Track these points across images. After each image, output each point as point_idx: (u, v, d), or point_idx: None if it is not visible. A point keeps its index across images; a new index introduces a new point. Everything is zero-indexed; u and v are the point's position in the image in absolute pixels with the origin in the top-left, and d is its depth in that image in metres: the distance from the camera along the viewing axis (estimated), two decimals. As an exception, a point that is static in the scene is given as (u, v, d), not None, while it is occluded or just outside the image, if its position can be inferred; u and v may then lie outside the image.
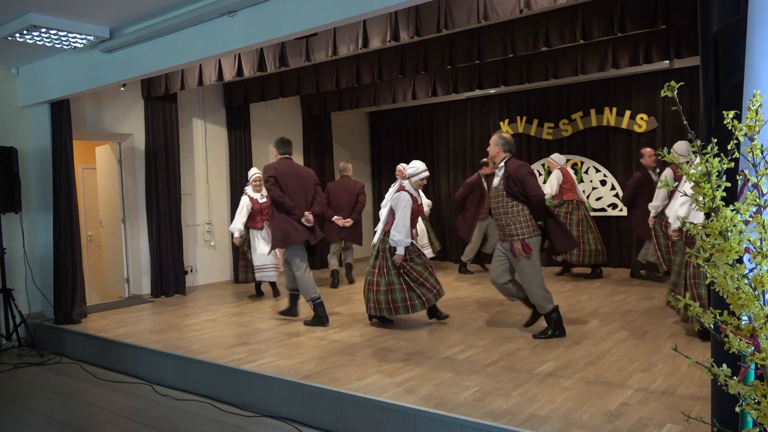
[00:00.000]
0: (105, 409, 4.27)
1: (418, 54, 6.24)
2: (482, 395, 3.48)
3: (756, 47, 1.93)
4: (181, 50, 4.87)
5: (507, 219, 4.66)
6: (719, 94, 2.35)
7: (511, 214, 4.64)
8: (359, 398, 3.54)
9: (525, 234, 4.61)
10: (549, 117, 8.77)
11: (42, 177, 6.43)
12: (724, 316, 1.63)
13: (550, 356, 4.24)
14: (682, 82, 1.96)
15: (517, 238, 4.61)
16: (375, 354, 4.46)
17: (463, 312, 5.77)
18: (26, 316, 6.18)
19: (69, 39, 5.12)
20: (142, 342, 5.09)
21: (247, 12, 4.35)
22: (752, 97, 1.64)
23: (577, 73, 6.58)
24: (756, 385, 1.60)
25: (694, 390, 3.44)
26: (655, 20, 4.88)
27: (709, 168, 1.61)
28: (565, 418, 3.11)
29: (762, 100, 1.63)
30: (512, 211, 4.64)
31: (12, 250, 6.23)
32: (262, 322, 5.74)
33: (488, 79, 7.21)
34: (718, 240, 1.60)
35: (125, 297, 7.56)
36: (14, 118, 6.38)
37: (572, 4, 5.15)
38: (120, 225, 7.61)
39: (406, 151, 10.38)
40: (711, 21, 2.39)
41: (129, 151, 7.52)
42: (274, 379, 3.99)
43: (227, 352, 4.64)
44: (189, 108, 8.01)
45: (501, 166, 4.73)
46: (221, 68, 5.96)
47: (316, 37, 5.24)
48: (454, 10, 4.60)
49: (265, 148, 8.94)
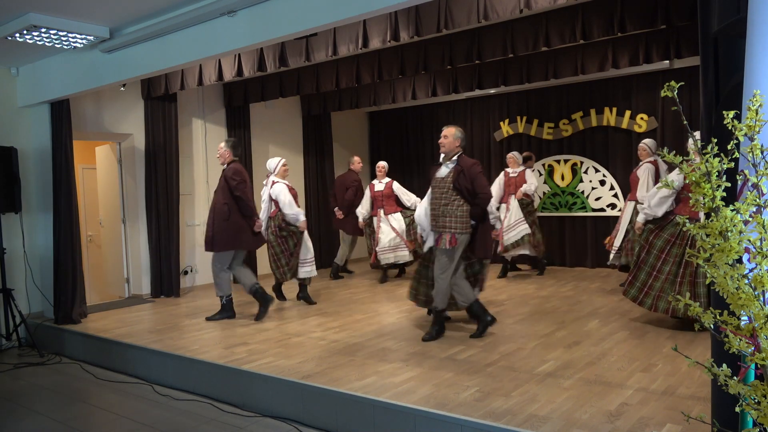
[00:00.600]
0: (105, 409, 4.27)
1: (418, 54, 6.23)
2: (482, 395, 3.48)
3: (756, 47, 1.93)
4: (181, 50, 4.87)
5: (445, 210, 4.72)
6: (719, 94, 2.35)
7: (451, 207, 4.71)
8: (359, 398, 3.54)
9: (457, 229, 4.70)
10: (549, 117, 8.77)
11: (42, 177, 6.43)
12: (724, 316, 1.63)
13: (550, 356, 4.24)
14: (682, 82, 1.96)
15: (449, 230, 4.69)
16: (375, 354, 4.46)
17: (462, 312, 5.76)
18: (26, 316, 6.18)
19: (69, 39, 5.12)
20: (142, 342, 5.09)
21: (247, 12, 4.35)
22: (752, 97, 1.64)
23: (577, 73, 6.57)
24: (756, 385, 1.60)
25: (694, 390, 3.44)
26: (655, 20, 4.88)
27: (709, 168, 1.61)
28: (565, 418, 3.11)
29: (762, 100, 1.63)
30: (454, 204, 4.71)
31: (12, 250, 6.23)
32: (262, 322, 5.74)
33: (488, 79, 7.21)
34: (718, 240, 1.60)
35: (125, 297, 7.56)
36: (14, 118, 6.38)
37: (572, 4, 5.15)
38: (120, 225, 7.61)
39: (406, 151, 10.39)
40: (711, 21, 2.39)
41: (129, 151, 7.52)
42: (274, 379, 3.99)
43: (227, 352, 4.64)
44: (189, 108, 8.01)
45: (454, 159, 4.79)
46: (221, 68, 5.96)
47: (316, 37, 5.24)
48: (454, 10, 4.60)
49: (266, 149, 8.94)
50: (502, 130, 9.22)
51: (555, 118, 8.73)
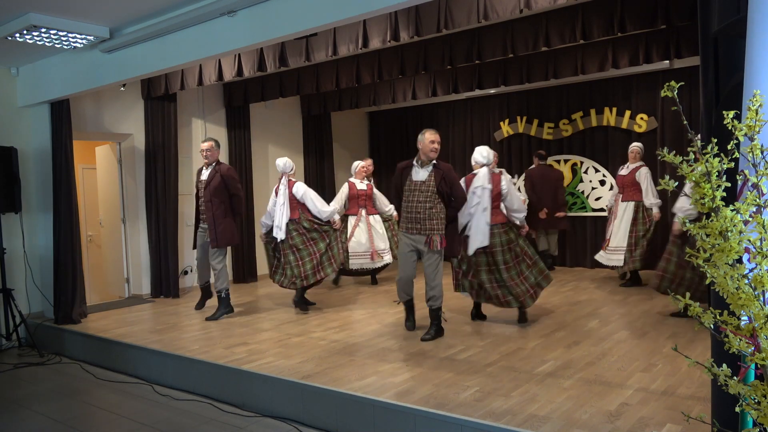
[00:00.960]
0: (105, 409, 4.27)
1: (418, 54, 6.23)
2: (482, 395, 3.48)
3: (756, 47, 1.93)
4: (181, 50, 4.87)
5: (430, 213, 4.84)
6: (719, 94, 2.35)
7: (434, 209, 4.84)
8: (359, 398, 3.54)
9: (442, 230, 4.88)
10: (549, 117, 8.77)
11: (42, 177, 6.43)
12: (724, 316, 1.63)
13: (550, 356, 4.24)
14: (682, 82, 1.96)
15: (437, 232, 4.84)
16: (375, 354, 4.46)
17: (463, 312, 5.77)
18: (26, 316, 6.18)
19: (69, 39, 5.12)
20: (142, 342, 5.09)
21: (247, 12, 4.34)
22: (752, 97, 1.64)
23: (577, 73, 6.57)
24: (756, 385, 1.60)
25: (694, 390, 3.45)
26: (655, 20, 4.88)
27: (709, 168, 1.61)
28: (565, 418, 3.11)
29: (762, 100, 1.63)
30: (437, 207, 4.85)
31: (12, 250, 6.22)
32: (262, 322, 5.74)
33: (488, 79, 7.21)
34: (718, 240, 1.60)
35: (125, 297, 7.56)
36: (14, 118, 6.38)
37: (572, 4, 5.15)
38: (120, 225, 7.61)
39: (406, 151, 10.38)
40: (711, 21, 2.39)
41: (129, 151, 7.52)
42: (274, 379, 3.99)
43: (227, 352, 4.64)
44: (189, 108, 8.01)
45: (434, 162, 4.89)
46: (221, 68, 5.96)
47: (316, 37, 5.24)
48: (454, 10, 4.60)
49: (265, 149, 8.94)
50: (502, 130, 9.22)
51: (555, 118, 8.73)
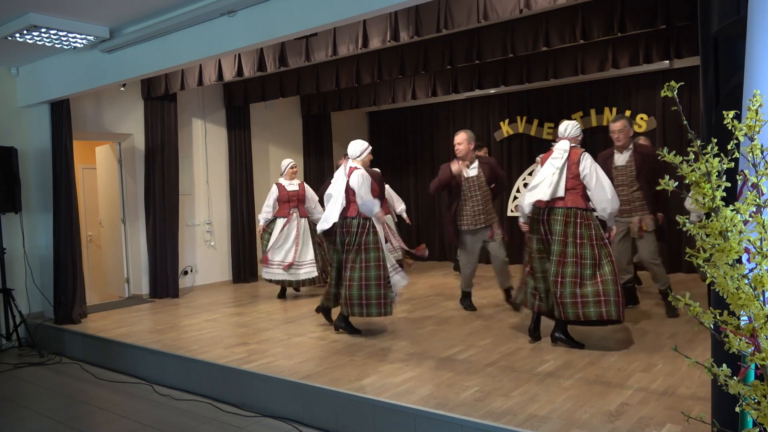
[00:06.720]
0: (105, 409, 4.27)
1: (418, 54, 6.23)
2: (482, 395, 3.48)
3: (756, 47, 1.93)
4: (181, 50, 4.87)
5: (487, 207, 5.52)
6: (719, 94, 2.35)
7: (489, 200, 5.54)
8: (359, 398, 3.54)
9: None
10: (549, 117, 8.77)
11: (42, 177, 6.43)
12: (724, 316, 1.63)
13: (550, 356, 4.23)
14: (682, 82, 1.96)
15: (495, 220, 5.52)
16: (375, 354, 4.46)
17: (463, 312, 5.77)
18: (26, 316, 6.17)
19: (69, 39, 5.12)
20: (142, 342, 5.09)
21: (247, 12, 4.34)
22: (752, 97, 1.64)
23: (577, 73, 6.58)
24: (756, 385, 1.60)
25: (694, 390, 3.44)
26: (655, 20, 4.88)
27: (709, 168, 1.61)
28: (565, 418, 3.11)
29: (762, 100, 1.63)
30: (489, 198, 5.56)
31: (12, 250, 6.22)
32: (262, 322, 5.74)
33: (488, 79, 7.21)
34: (718, 240, 1.60)
35: (125, 297, 7.56)
36: (14, 118, 6.38)
37: (572, 4, 5.15)
38: (120, 225, 7.61)
39: (406, 151, 10.38)
40: (711, 21, 2.39)
41: (129, 151, 7.52)
42: (274, 379, 3.99)
43: (227, 352, 4.64)
44: (189, 108, 8.01)
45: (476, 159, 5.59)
46: (221, 68, 5.96)
47: (316, 37, 5.24)
48: (454, 10, 4.60)
49: (265, 149, 8.94)
50: (502, 130, 9.22)
51: (555, 118, 8.71)
